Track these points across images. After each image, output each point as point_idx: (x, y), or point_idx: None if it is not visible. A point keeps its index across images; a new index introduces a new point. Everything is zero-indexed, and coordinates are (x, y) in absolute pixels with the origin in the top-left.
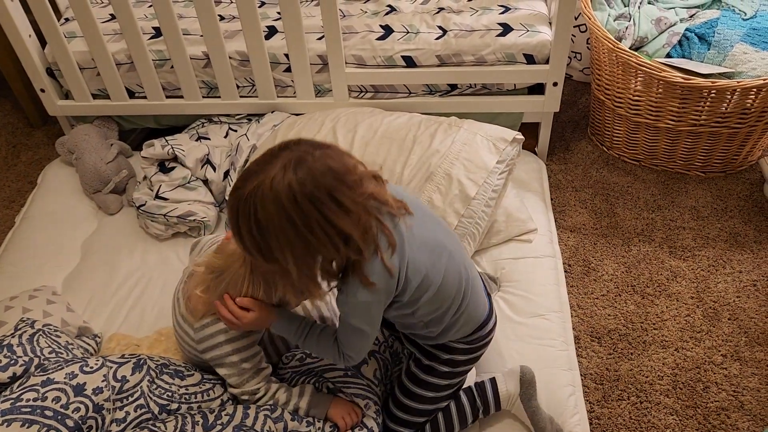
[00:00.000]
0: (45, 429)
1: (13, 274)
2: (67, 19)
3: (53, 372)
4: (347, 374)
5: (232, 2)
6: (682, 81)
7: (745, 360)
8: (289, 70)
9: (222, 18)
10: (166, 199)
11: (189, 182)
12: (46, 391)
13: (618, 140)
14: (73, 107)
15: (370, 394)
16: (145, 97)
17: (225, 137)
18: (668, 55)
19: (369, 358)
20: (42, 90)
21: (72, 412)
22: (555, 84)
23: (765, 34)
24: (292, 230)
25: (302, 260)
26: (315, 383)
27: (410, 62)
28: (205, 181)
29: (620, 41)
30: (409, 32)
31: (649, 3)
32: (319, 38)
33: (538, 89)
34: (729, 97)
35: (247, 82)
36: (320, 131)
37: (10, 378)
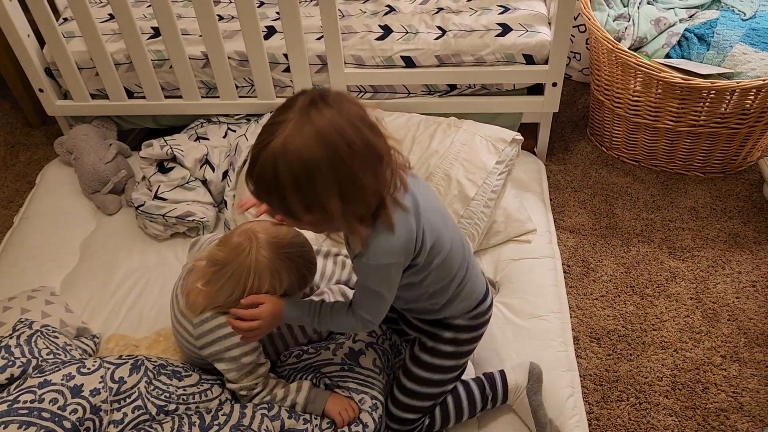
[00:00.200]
0: (42, 431)
1: (11, 274)
2: (65, 19)
3: (50, 373)
4: (343, 368)
5: (231, 2)
6: (682, 81)
7: (744, 361)
8: (288, 70)
9: (221, 18)
10: (164, 199)
11: (188, 182)
12: (44, 393)
13: (617, 141)
14: (71, 107)
15: (366, 388)
16: (143, 97)
17: (224, 137)
18: (667, 56)
19: (367, 349)
20: (40, 90)
21: (69, 414)
22: (554, 84)
23: (764, 34)
24: (341, 164)
25: (348, 196)
26: (312, 379)
27: (409, 62)
28: (204, 182)
29: (619, 41)
30: (408, 32)
31: (648, 3)
32: (318, 38)
33: (537, 89)
34: (728, 97)
35: (246, 82)
36: None
37: (7, 379)
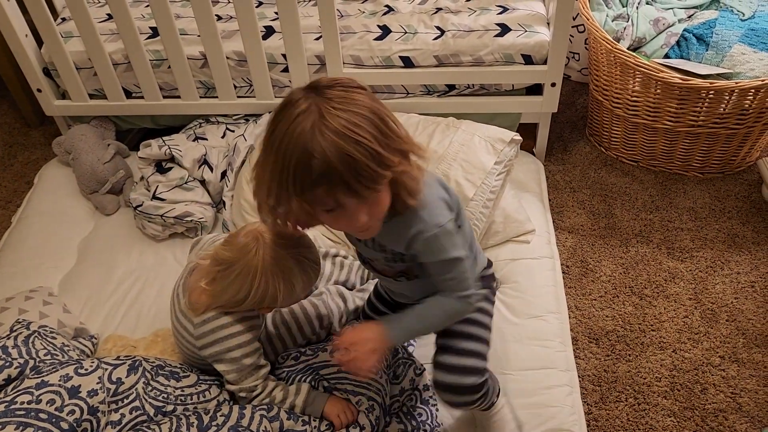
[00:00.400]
0: None
1: (9, 274)
2: (63, 19)
3: (48, 374)
4: (341, 370)
5: (229, 2)
6: (680, 82)
7: (743, 361)
8: (286, 70)
9: (219, 18)
10: (163, 199)
11: (186, 183)
12: (41, 394)
13: (616, 141)
14: (69, 107)
15: (363, 389)
16: (142, 97)
17: (222, 137)
18: (666, 56)
19: None
20: (39, 90)
21: (67, 415)
22: (553, 84)
23: (763, 34)
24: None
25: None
26: (311, 381)
27: (408, 62)
28: (202, 182)
29: (618, 42)
30: (407, 32)
31: (647, 3)
32: (317, 38)
33: (536, 90)
34: (727, 97)
35: (244, 83)
36: None
37: (4, 380)
